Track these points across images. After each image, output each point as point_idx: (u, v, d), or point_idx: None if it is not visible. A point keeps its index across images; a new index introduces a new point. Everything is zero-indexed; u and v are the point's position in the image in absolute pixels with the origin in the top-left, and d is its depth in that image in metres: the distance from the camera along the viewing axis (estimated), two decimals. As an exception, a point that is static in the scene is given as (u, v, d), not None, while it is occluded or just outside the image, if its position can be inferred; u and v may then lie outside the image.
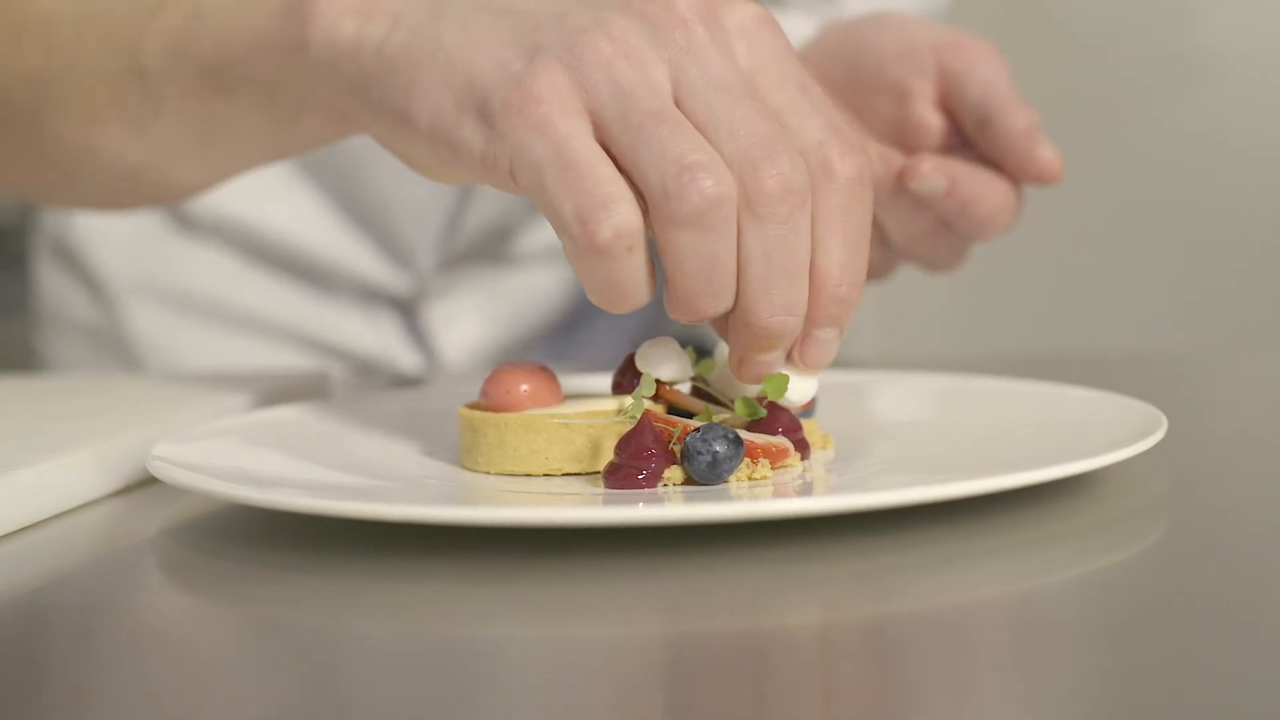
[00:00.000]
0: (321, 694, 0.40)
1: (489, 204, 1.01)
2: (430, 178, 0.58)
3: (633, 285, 0.53)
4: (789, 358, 0.56)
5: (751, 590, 0.47)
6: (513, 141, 0.52)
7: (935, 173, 0.69)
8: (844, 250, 0.54)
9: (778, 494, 0.53)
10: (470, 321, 1.05)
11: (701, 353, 0.61)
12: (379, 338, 1.04)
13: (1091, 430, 0.57)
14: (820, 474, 0.56)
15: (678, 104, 0.53)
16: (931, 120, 0.74)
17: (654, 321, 1.12)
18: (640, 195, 0.52)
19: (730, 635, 0.44)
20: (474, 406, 0.60)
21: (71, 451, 0.59)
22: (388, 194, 0.99)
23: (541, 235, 1.05)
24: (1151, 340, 1.92)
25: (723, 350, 0.61)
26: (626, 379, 0.59)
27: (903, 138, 0.74)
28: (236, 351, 1.02)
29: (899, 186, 0.70)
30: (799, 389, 0.57)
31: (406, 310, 1.05)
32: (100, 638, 0.46)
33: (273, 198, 1.00)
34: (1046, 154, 0.71)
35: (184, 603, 0.50)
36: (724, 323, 0.56)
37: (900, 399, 0.68)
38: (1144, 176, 1.92)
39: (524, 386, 0.59)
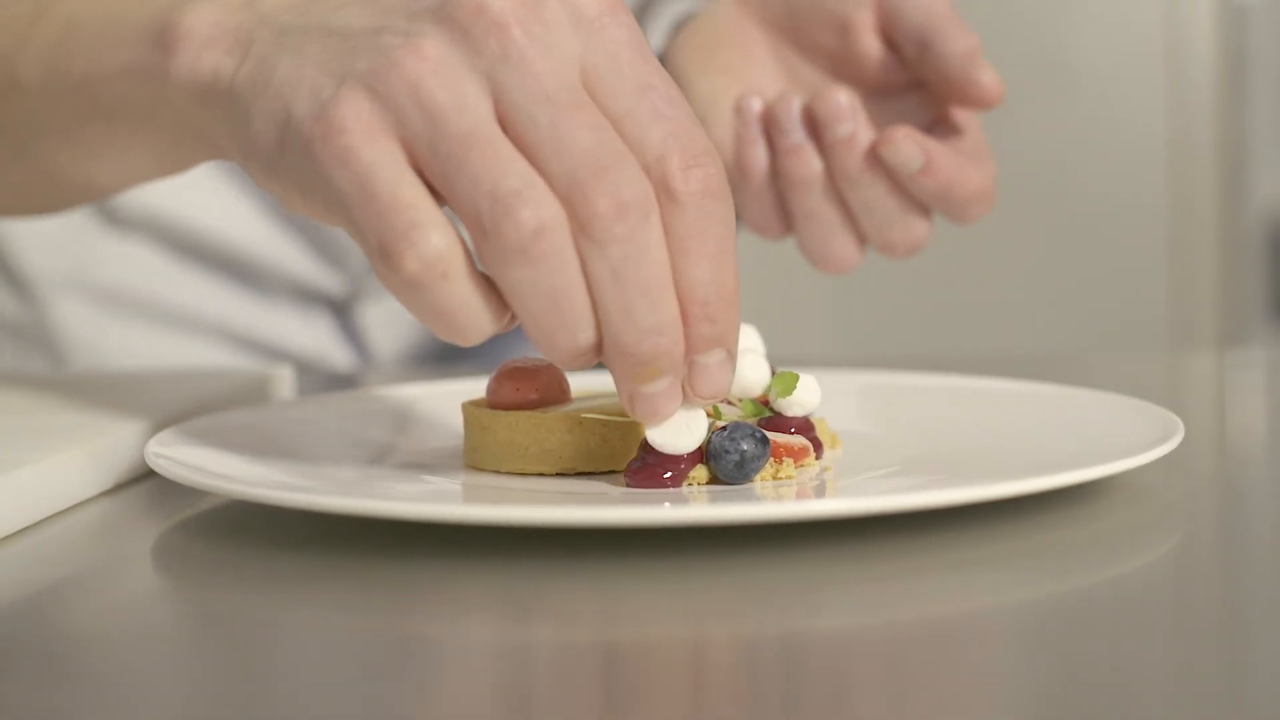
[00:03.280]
0: (319, 693, 0.40)
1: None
2: (292, 213, 0.55)
3: (464, 314, 0.49)
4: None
5: (777, 591, 0.47)
6: (320, 175, 0.49)
7: (908, 141, 0.67)
8: (704, 268, 0.50)
9: (801, 495, 0.53)
10: (407, 321, 1.03)
11: None
12: (313, 337, 1.02)
13: (1108, 434, 0.57)
14: (842, 474, 0.56)
15: (501, 121, 0.49)
16: (874, 50, 0.72)
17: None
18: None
19: (759, 638, 0.44)
20: (478, 404, 0.59)
21: (65, 449, 0.57)
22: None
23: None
24: (1021, 343, 1.95)
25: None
26: (637, 377, 0.58)
27: (844, 71, 0.73)
28: (167, 350, 0.99)
29: (873, 162, 0.67)
30: (809, 392, 0.57)
31: (341, 310, 1.03)
32: (106, 638, 0.45)
33: (202, 194, 0.97)
34: (986, 78, 0.70)
35: (190, 600, 0.49)
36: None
37: (896, 399, 0.68)
38: (1011, 181, 1.96)
39: (533, 383, 0.58)
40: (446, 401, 0.66)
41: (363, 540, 0.51)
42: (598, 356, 0.51)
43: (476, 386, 0.64)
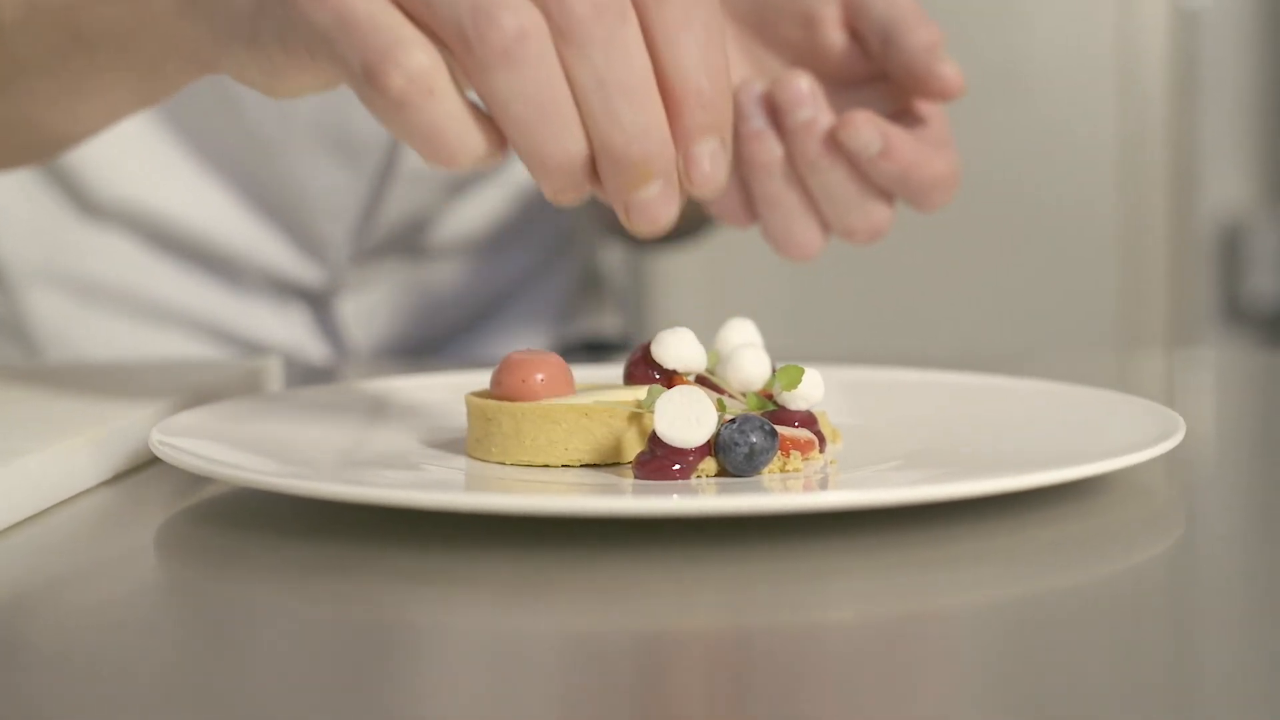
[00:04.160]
0: (324, 681, 0.40)
1: (405, 196, 0.99)
2: (279, 95, 0.55)
3: (453, 132, 0.50)
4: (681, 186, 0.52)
5: (783, 583, 0.47)
6: (302, 24, 0.50)
7: (867, 125, 0.66)
8: (694, 54, 0.50)
9: (809, 487, 0.53)
10: (384, 315, 1.03)
11: None
12: (289, 330, 1.02)
13: (1109, 431, 0.58)
14: (848, 468, 0.56)
15: None
16: (839, 43, 0.72)
17: (569, 314, 1.11)
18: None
19: (765, 629, 0.44)
20: (482, 395, 0.59)
21: (66, 439, 0.57)
22: (301, 186, 0.97)
23: (456, 226, 1.04)
24: (971, 342, 1.96)
25: (725, 342, 0.61)
26: (641, 369, 0.58)
27: (809, 63, 0.73)
28: (142, 342, 0.98)
29: (833, 146, 0.67)
30: (813, 386, 0.57)
31: (319, 303, 1.02)
32: (111, 628, 0.44)
33: (177, 185, 0.97)
34: (947, 70, 0.69)
35: (195, 588, 0.49)
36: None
37: (893, 395, 0.69)
38: (964, 184, 1.97)
39: (539, 375, 0.58)
40: (449, 393, 0.66)
41: (367, 529, 0.51)
42: (590, 180, 0.51)
43: (477, 378, 0.64)
